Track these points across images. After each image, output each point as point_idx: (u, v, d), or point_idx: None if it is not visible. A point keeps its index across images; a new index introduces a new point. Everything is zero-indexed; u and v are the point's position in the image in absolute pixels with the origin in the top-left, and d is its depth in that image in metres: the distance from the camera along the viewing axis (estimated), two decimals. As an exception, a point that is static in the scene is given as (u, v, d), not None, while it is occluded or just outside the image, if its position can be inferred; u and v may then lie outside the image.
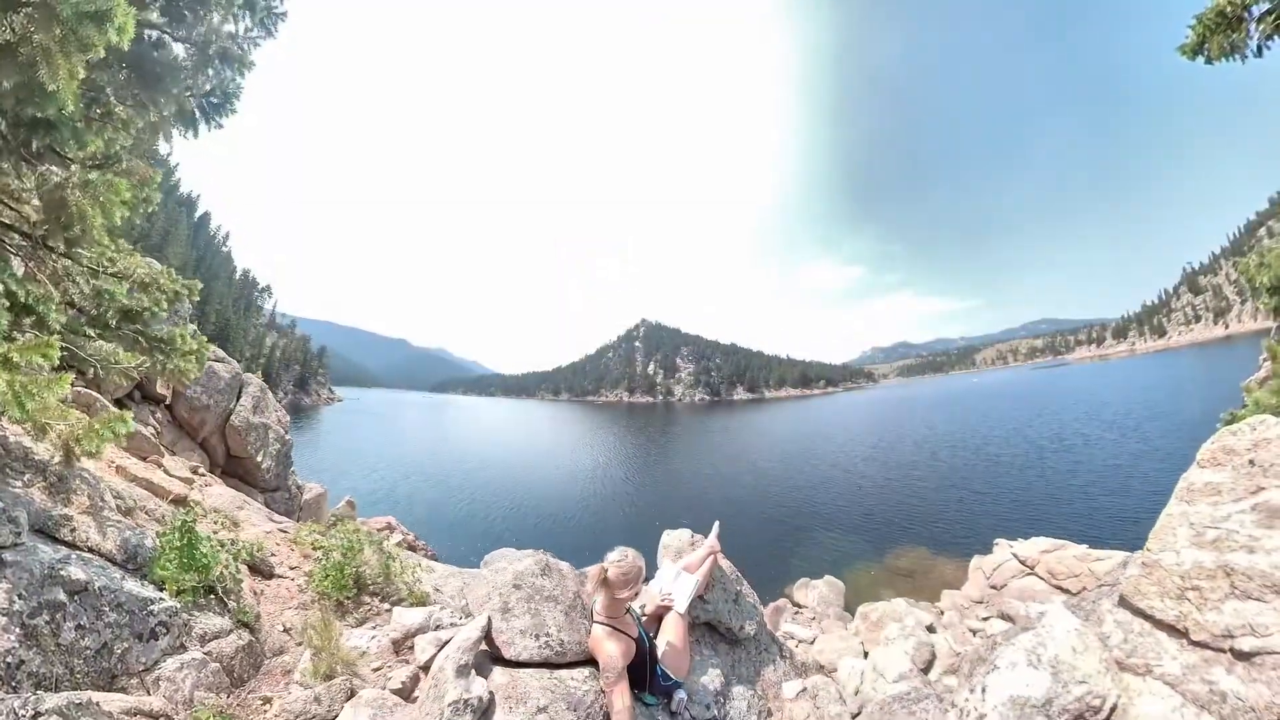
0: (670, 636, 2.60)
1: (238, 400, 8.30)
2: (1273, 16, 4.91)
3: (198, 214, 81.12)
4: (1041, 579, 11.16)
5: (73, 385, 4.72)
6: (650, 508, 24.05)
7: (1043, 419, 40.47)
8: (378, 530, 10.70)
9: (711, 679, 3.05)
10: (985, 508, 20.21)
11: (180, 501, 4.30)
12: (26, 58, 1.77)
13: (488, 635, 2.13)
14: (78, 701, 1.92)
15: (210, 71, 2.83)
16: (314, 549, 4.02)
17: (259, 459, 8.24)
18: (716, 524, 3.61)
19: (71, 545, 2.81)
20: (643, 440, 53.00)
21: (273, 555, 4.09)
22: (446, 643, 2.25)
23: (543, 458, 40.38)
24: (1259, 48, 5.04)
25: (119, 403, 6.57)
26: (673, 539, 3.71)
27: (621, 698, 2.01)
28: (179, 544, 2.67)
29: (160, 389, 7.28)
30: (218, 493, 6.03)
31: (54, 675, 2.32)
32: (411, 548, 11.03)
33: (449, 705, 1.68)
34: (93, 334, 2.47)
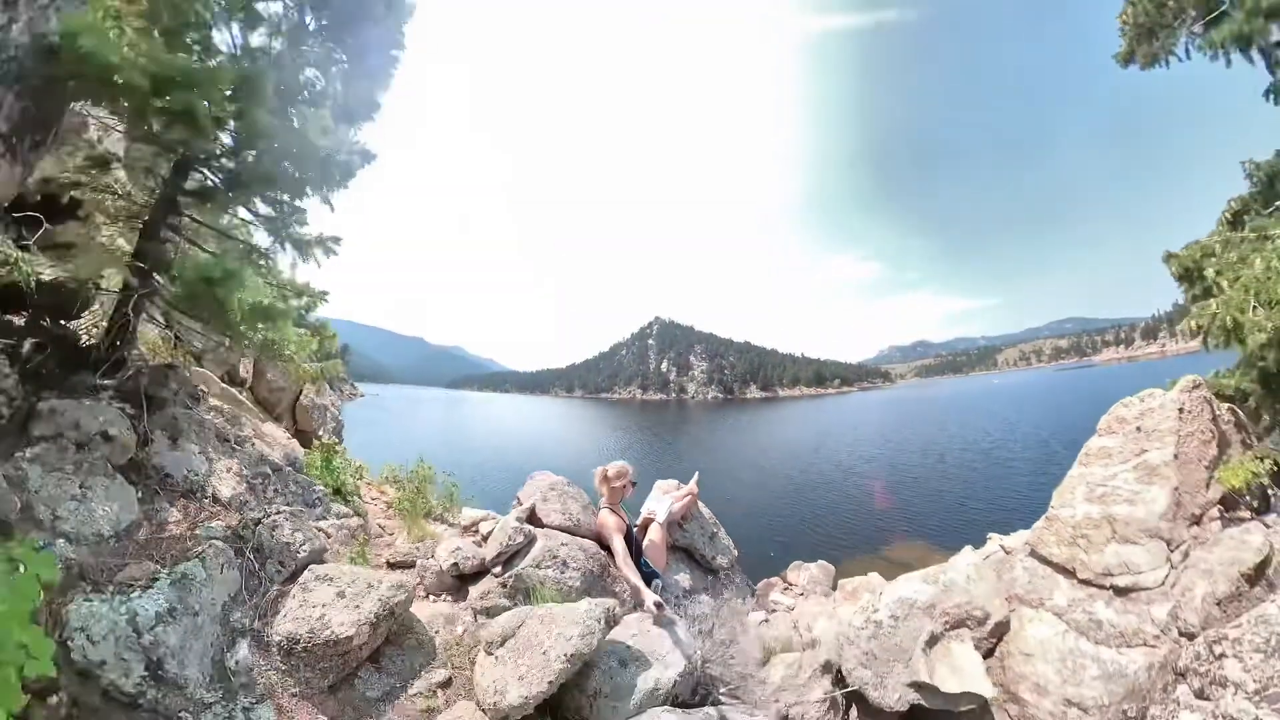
0: (653, 536, 3.71)
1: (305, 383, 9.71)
2: (1187, 23, 5.60)
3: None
4: (1022, 564, 11.89)
5: (189, 368, 6.09)
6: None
7: (1059, 418, 40.36)
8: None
9: (683, 581, 4.16)
10: (989, 507, 20.60)
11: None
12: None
13: (532, 515, 3.32)
14: (299, 511, 3.18)
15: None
16: (393, 481, 5.33)
17: (320, 434, 9.64)
18: (696, 474, 4.73)
19: (249, 458, 4.09)
20: (647, 439, 53.96)
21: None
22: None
23: (549, 456, 41.78)
24: (1186, 50, 5.73)
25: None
26: (663, 483, 4.87)
27: (620, 544, 3.15)
28: (320, 462, 3.96)
29: (243, 372, 8.69)
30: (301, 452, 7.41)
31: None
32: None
33: (512, 527, 2.87)
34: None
